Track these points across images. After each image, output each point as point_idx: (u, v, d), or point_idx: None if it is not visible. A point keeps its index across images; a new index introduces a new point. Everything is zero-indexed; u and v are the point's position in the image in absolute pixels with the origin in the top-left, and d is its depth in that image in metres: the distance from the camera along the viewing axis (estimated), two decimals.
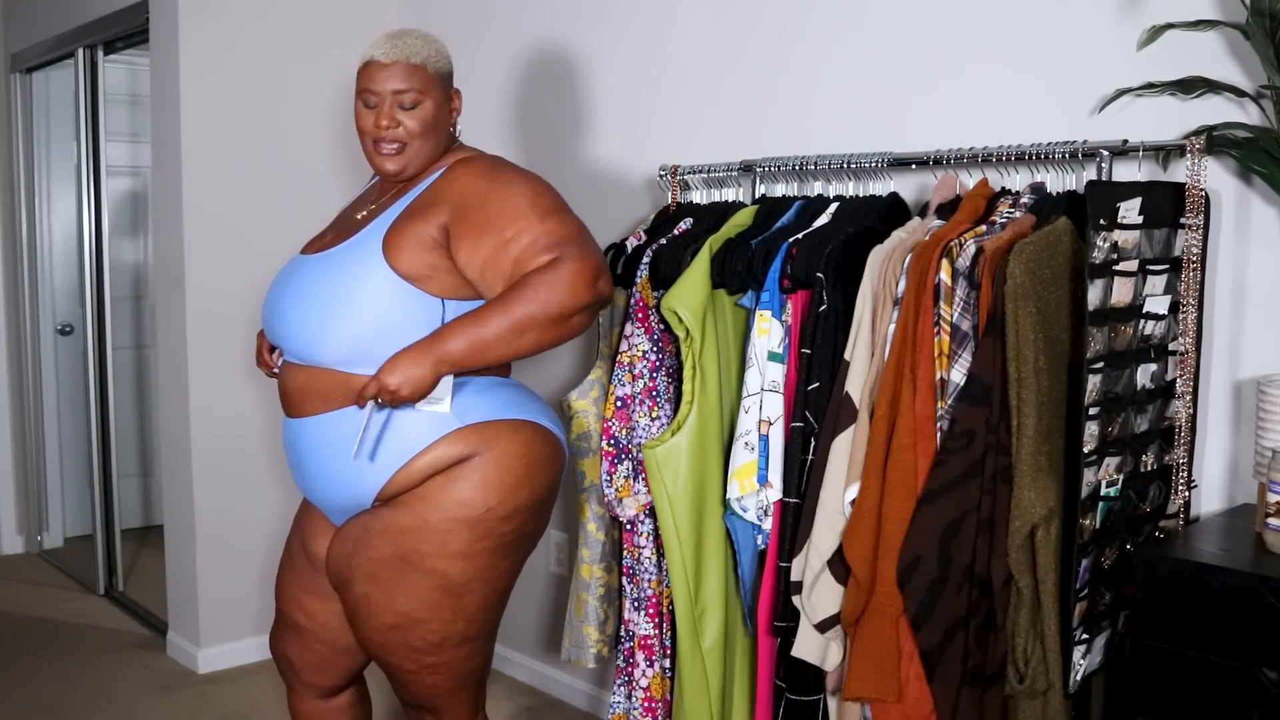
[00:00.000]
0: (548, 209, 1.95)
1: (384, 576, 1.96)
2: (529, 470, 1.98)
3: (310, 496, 2.10)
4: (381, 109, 2.00)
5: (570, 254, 1.88)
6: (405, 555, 1.94)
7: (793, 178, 2.59)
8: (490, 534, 1.95)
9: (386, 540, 1.95)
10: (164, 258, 3.63)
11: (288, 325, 1.99)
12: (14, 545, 4.94)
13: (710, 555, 2.32)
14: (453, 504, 1.93)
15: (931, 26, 2.41)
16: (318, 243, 2.09)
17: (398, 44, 2.00)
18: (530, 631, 3.51)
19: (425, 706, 2.12)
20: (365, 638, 2.04)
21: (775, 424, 2.20)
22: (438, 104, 2.03)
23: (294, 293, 2.00)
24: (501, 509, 1.95)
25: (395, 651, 2.01)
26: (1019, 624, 1.89)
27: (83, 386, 4.43)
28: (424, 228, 1.94)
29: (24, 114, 4.70)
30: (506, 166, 2.04)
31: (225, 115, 3.51)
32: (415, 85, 1.99)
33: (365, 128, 2.02)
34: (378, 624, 1.99)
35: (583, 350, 3.26)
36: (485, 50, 3.50)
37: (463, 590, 1.97)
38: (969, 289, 1.94)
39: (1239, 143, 1.91)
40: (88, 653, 3.76)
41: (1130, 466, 1.98)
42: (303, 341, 1.97)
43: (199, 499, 3.56)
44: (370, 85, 2.00)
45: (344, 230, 2.06)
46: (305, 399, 1.99)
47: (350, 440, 1.94)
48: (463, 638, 2.02)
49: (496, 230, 1.91)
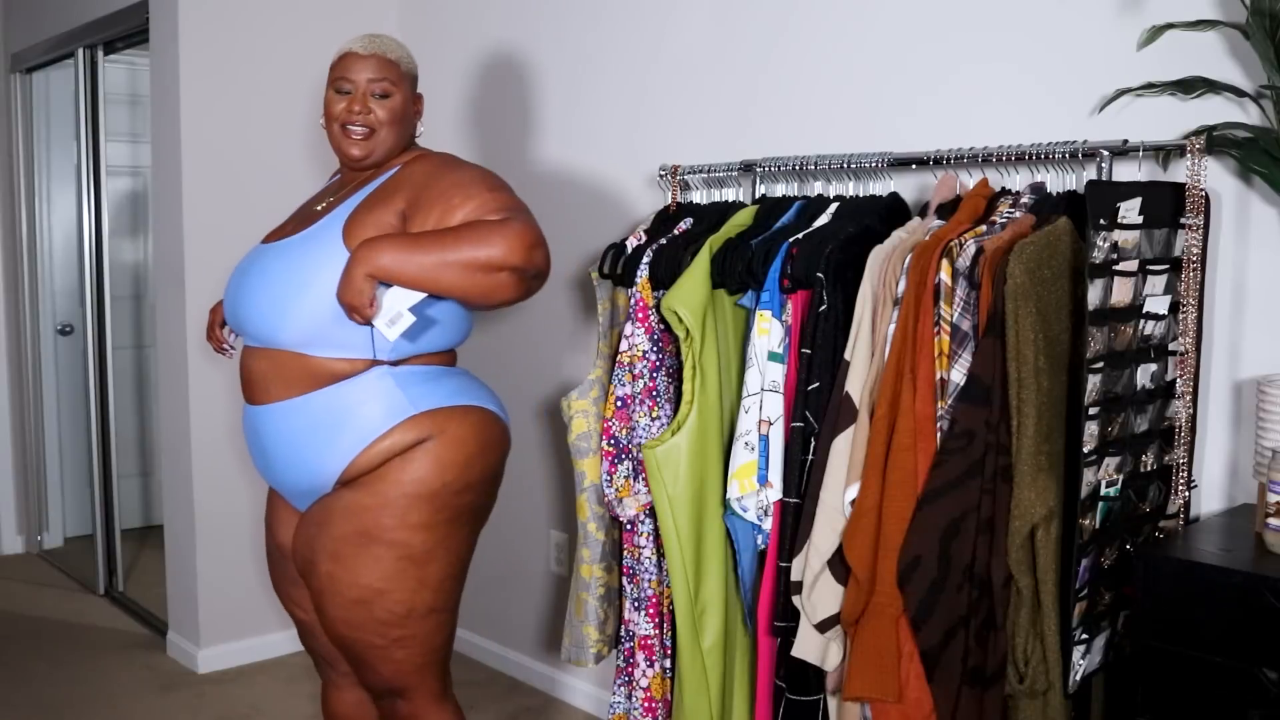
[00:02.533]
0: (497, 185, 2.06)
1: (347, 553, 2.01)
2: (480, 449, 2.07)
3: (274, 483, 2.16)
4: (355, 95, 2.11)
5: (516, 218, 1.97)
6: (367, 530, 2.01)
7: (793, 178, 2.59)
8: (448, 505, 2.05)
9: (348, 517, 2.02)
10: (164, 258, 3.63)
11: (249, 310, 2.06)
12: (14, 545, 4.94)
13: (710, 555, 2.32)
14: (410, 481, 2.01)
15: (931, 26, 2.41)
16: (278, 233, 2.17)
17: (375, 40, 2.14)
18: (530, 631, 3.51)
19: (395, 689, 2.12)
20: (333, 618, 2.07)
21: (775, 424, 2.20)
22: (405, 100, 2.15)
23: (256, 278, 2.07)
24: (457, 483, 2.04)
25: (363, 627, 2.05)
26: (1019, 624, 1.89)
27: (83, 386, 4.44)
28: (383, 215, 2.04)
29: (24, 114, 4.70)
30: (460, 159, 2.16)
31: (225, 115, 3.51)
32: (389, 76, 2.12)
33: (336, 113, 2.12)
34: (343, 600, 2.03)
35: (583, 350, 3.26)
36: (485, 50, 3.50)
37: (426, 559, 2.04)
38: (969, 289, 1.94)
39: (1239, 143, 1.91)
40: (88, 653, 3.76)
41: (1130, 466, 1.98)
42: (263, 325, 2.03)
43: (199, 499, 3.56)
44: (346, 74, 2.11)
45: (304, 221, 2.14)
46: (268, 384, 2.06)
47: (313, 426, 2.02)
48: (429, 608, 2.07)
49: (446, 201, 2.01)
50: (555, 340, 3.35)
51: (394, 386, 2.02)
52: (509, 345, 3.51)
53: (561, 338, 3.33)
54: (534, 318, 3.41)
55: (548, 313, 3.37)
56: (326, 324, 1.98)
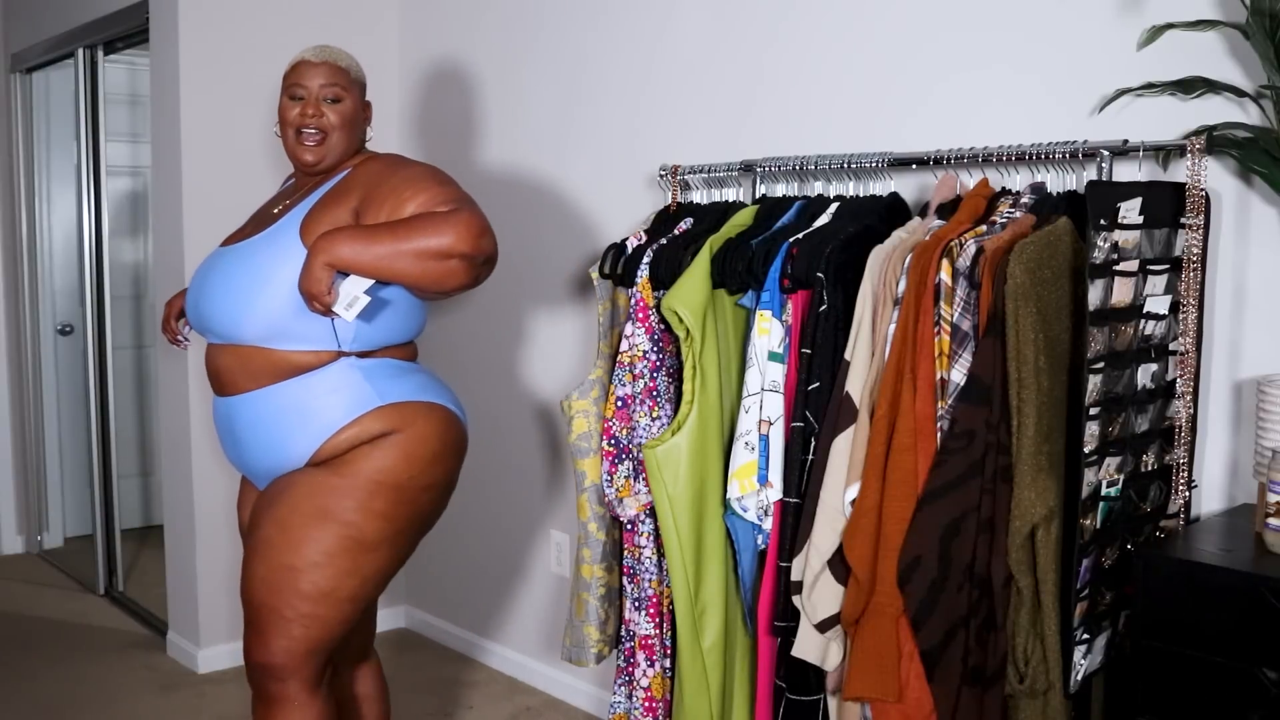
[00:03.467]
0: (444, 180, 2.14)
1: (295, 524, 2.07)
2: (443, 449, 2.17)
3: (244, 468, 2.26)
4: (308, 100, 2.21)
5: (464, 208, 2.05)
6: (326, 508, 2.07)
7: (793, 178, 2.59)
8: (411, 500, 2.12)
9: (310, 493, 2.08)
10: (164, 258, 3.63)
11: (212, 308, 2.14)
12: (14, 545, 4.94)
13: (710, 555, 2.32)
14: (377, 470, 2.09)
15: (931, 26, 2.41)
16: (237, 236, 2.27)
17: (325, 50, 2.25)
18: (530, 631, 3.51)
19: (276, 667, 2.10)
20: (255, 576, 2.09)
21: (775, 424, 2.20)
22: (355, 105, 2.25)
23: (217, 279, 2.16)
24: (421, 479, 2.13)
25: (280, 592, 2.07)
26: (1019, 624, 1.89)
27: (83, 386, 4.44)
28: (338, 212, 2.13)
29: (24, 114, 4.70)
30: (408, 158, 2.27)
31: (225, 115, 3.51)
32: (339, 82, 2.23)
33: (290, 118, 2.22)
34: (274, 563, 2.07)
35: (583, 350, 3.26)
36: (486, 49, 3.50)
37: (371, 548, 2.10)
38: (969, 289, 1.94)
39: (1239, 143, 1.91)
40: (88, 653, 3.76)
41: (1130, 466, 1.98)
42: (226, 322, 2.12)
43: (199, 499, 3.56)
44: (300, 80, 2.22)
45: (261, 224, 2.23)
46: (235, 378, 2.15)
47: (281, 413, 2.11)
48: (349, 595, 2.11)
49: (396, 196, 2.10)
50: (555, 340, 3.35)
51: (361, 379, 2.11)
52: (509, 345, 3.51)
53: (561, 338, 3.33)
54: (534, 317, 3.41)
55: (548, 312, 3.37)
56: (288, 318, 2.07)
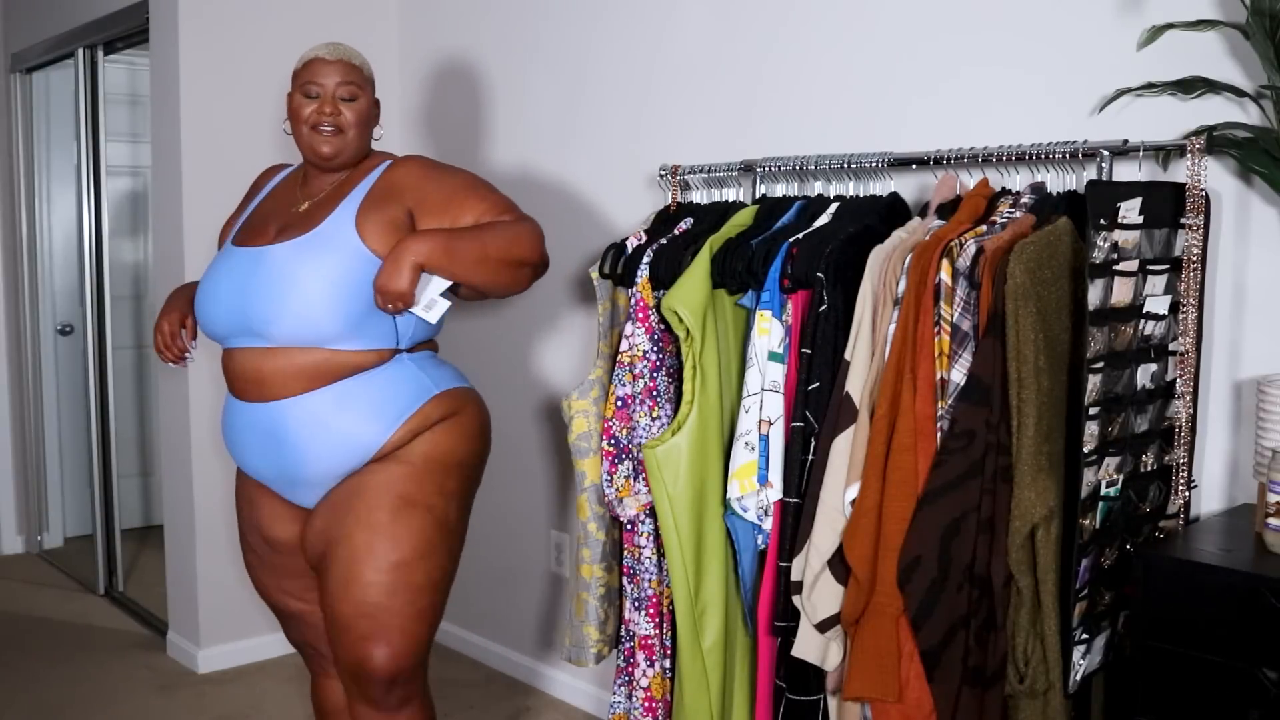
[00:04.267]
0: (493, 188, 2.24)
1: (385, 520, 2.09)
2: (486, 428, 2.27)
3: (281, 475, 2.16)
4: (324, 99, 2.18)
5: (525, 218, 2.18)
6: (406, 496, 2.10)
7: (793, 178, 2.59)
8: (473, 478, 2.23)
9: (386, 489, 2.09)
10: (164, 258, 3.63)
11: (269, 309, 2.06)
12: (14, 545, 4.94)
13: (710, 555, 2.32)
14: (446, 452, 2.16)
15: (931, 26, 2.41)
16: (255, 236, 2.19)
17: (338, 48, 2.22)
18: (530, 631, 3.51)
19: (403, 672, 2.10)
20: (368, 583, 2.07)
21: (775, 424, 2.20)
22: (369, 103, 2.24)
23: (267, 279, 2.08)
24: (474, 458, 2.22)
25: (397, 592, 2.08)
26: (1019, 624, 1.89)
27: (83, 386, 4.44)
28: (391, 211, 2.13)
29: (24, 114, 4.70)
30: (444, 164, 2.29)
31: (225, 115, 3.51)
32: (354, 80, 2.20)
33: (305, 115, 2.19)
34: (382, 564, 2.08)
35: (583, 350, 3.26)
36: (486, 50, 3.50)
37: (454, 529, 2.18)
38: (969, 289, 1.94)
39: (1239, 143, 1.91)
40: (88, 653, 3.76)
41: (1130, 466, 1.98)
42: (290, 324, 2.05)
43: (199, 499, 3.56)
44: (315, 78, 2.19)
45: (293, 222, 2.16)
46: (281, 380, 2.09)
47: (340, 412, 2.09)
48: (450, 580, 2.18)
49: (458, 203, 2.16)
50: (555, 340, 3.35)
51: (417, 370, 2.16)
52: (509, 345, 3.51)
53: (561, 338, 3.33)
54: (534, 317, 3.41)
55: (548, 312, 3.37)
56: (360, 317, 2.07)
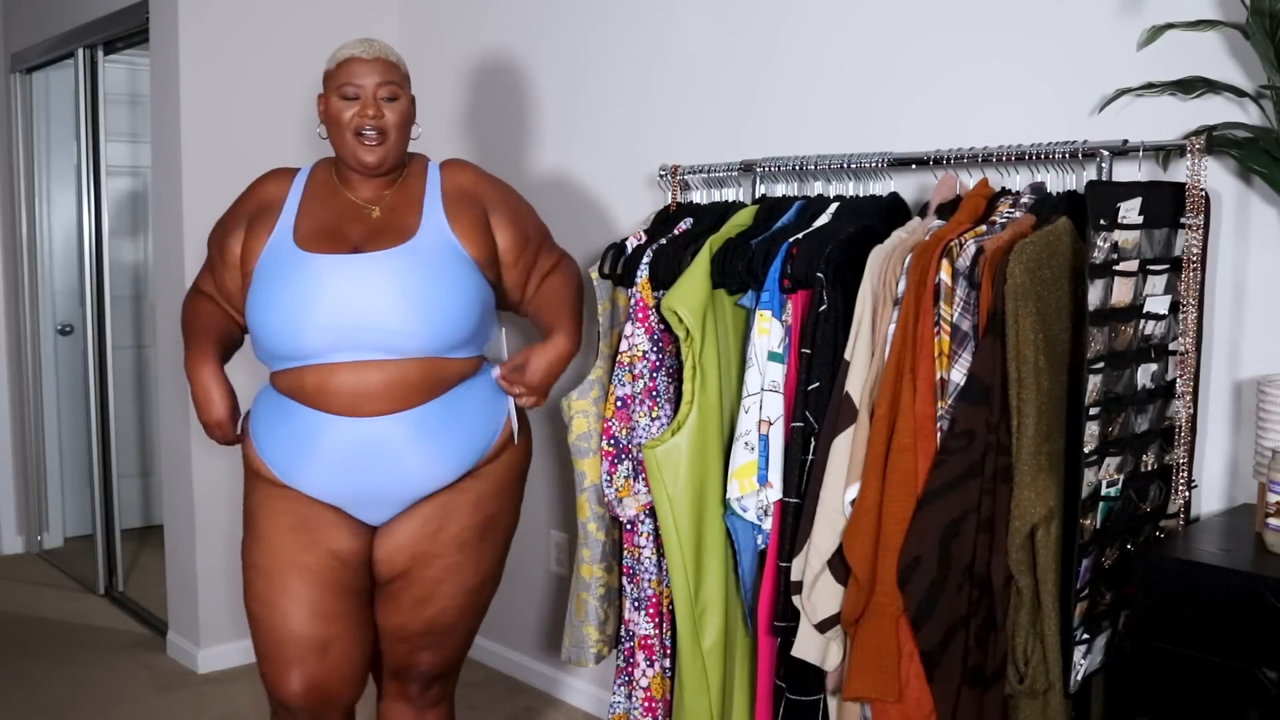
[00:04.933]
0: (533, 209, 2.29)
1: (473, 542, 2.13)
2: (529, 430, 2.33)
3: (364, 496, 2.05)
4: (365, 100, 2.05)
5: (566, 256, 2.30)
6: (492, 517, 2.16)
7: (793, 178, 2.59)
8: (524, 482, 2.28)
9: (477, 509, 2.14)
10: (164, 258, 3.63)
11: (393, 320, 1.98)
12: (14, 545, 4.94)
13: (710, 555, 2.32)
14: (516, 464, 2.22)
15: (931, 26, 2.41)
16: (337, 243, 2.05)
17: (373, 45, 2.09)
18: (530, 631, 3.51)
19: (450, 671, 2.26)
20: (445, 606, 2.14)
21: (775, 424, 2.20)
22: (409, 102, 2.12)
23: (386, 288, 1.98)
24: (526, 462, 2.27)
25: (471, 609, 2.18)
26: (1019, 624, 1.89)
27: (83, 386, 4.44)
28: (470, 213, 2.13)
29: (24, 114, 4.70)
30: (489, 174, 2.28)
31: (226, 115, 3.51)
32: (394, 79, 2.08)
33: (345, 120, 2.06)
34: (465, 588, 2.14)
35: (582, 350, 3.25)
36: (486, 50, 3.50)
37: (510, 535, 2.25)
38: (969, 289, 1.94)
39: (1239, 143, 1.91)
40: (88, 653, 3.76)
41: (1130, 466, 1.98)
42: (429, 334, 2.00)
43: (199, 499, 3.56)
44: (353, 79, 2.05)
45: (379, 229, 2.07)
46: (393, 394, 2.00)
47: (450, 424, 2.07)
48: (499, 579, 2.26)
49: (522, 223, 2.21)
50: None
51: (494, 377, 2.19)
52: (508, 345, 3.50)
53: None
54: None
55: None
56: (479, 324, 2.10)
